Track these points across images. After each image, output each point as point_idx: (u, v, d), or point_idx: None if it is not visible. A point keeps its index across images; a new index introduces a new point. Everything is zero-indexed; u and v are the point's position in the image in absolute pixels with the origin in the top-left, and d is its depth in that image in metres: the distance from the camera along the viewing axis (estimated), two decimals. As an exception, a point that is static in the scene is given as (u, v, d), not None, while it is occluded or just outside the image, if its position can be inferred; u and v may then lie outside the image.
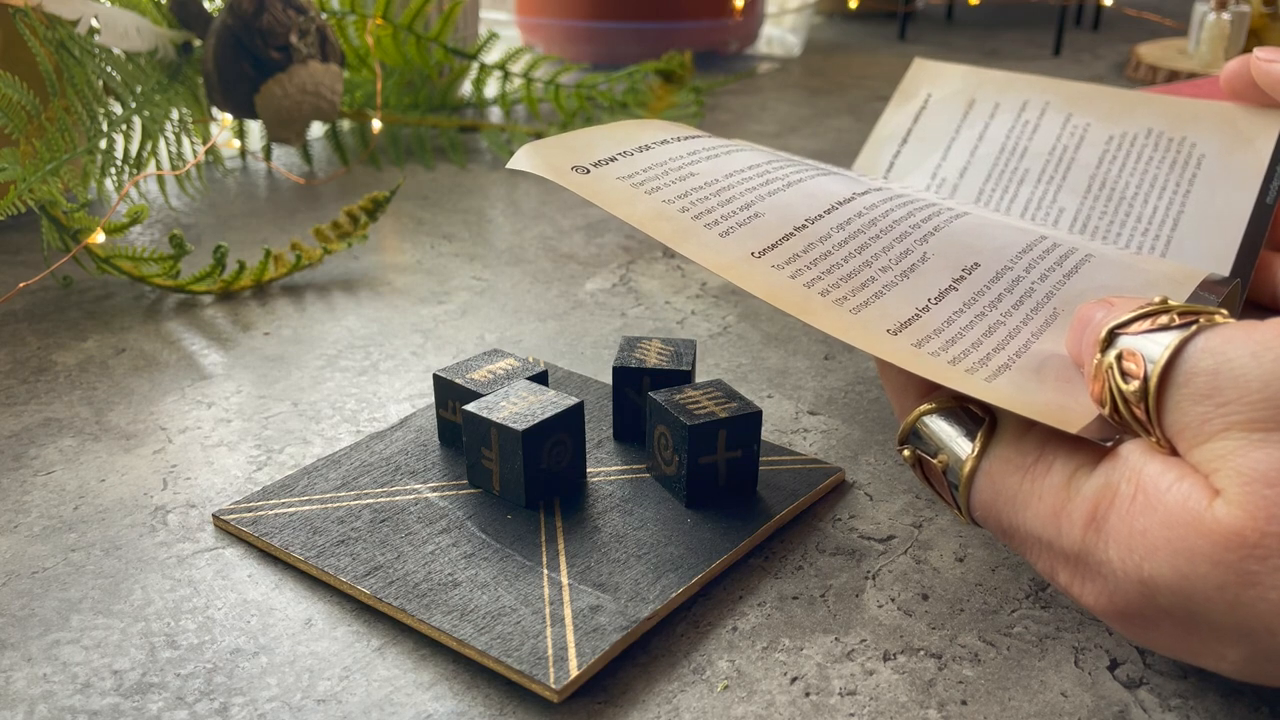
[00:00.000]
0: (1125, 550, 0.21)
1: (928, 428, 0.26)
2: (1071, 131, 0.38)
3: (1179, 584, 0.21)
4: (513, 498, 0.31)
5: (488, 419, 0.31)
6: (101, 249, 0.47)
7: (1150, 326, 0.22)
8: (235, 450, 0.36)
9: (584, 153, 0.30)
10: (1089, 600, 0.23)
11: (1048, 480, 0.23)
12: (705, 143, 0.32)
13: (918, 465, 0.26)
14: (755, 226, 0.28)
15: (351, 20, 0.72)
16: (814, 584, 0.30)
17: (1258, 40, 0.96)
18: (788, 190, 0.30)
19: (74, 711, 0.25)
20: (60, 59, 0.50)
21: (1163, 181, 0.36)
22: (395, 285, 0.50)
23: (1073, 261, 0.29)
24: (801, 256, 0.27)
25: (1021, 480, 0.24)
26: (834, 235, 0.28)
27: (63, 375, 0.41)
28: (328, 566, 0.29)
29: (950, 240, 0.29)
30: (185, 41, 0.63)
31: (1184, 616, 0.21)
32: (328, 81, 0.62)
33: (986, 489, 0.25)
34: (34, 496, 0.33)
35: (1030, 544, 0.24)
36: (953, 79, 0.41)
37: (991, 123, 0.39)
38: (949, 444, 0.25)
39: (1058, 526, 0.23)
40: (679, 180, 0.29)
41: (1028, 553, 0.24)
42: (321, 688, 0.26)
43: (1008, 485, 0.24)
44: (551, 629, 0.26)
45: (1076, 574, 0.23)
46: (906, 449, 0.26)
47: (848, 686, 0.26)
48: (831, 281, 0.27)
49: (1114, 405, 0.23)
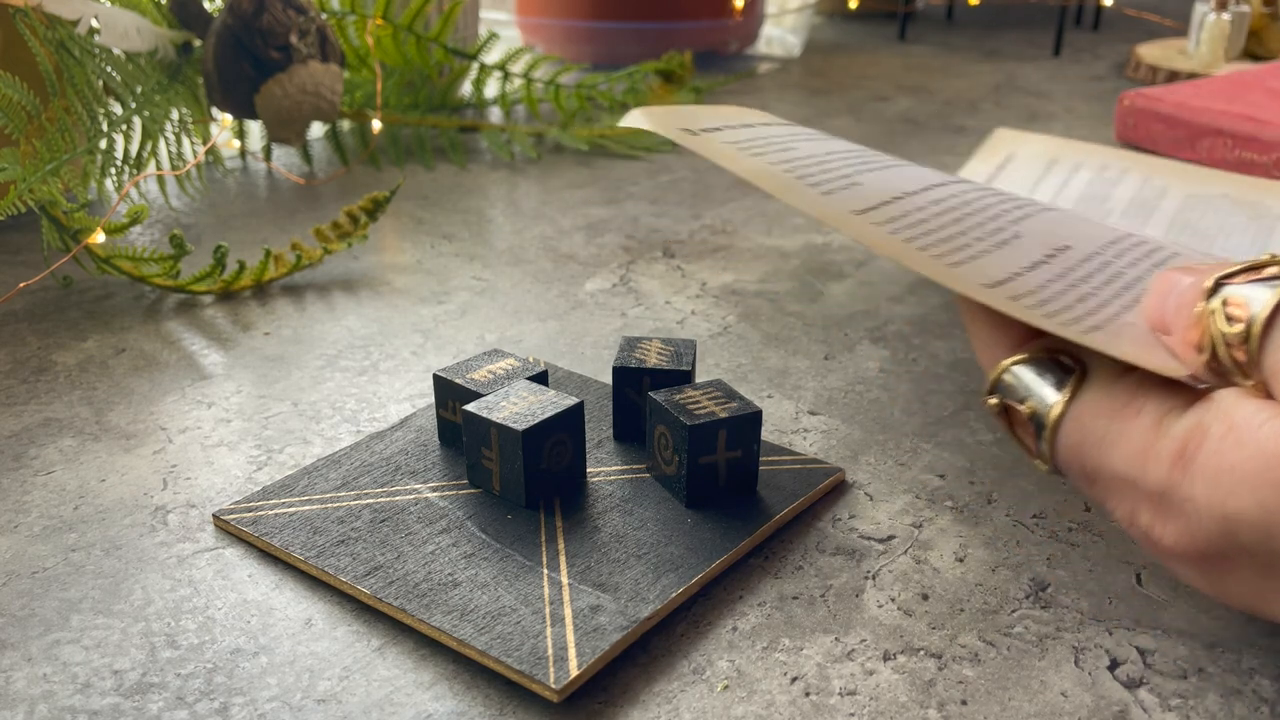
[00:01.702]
0: (1211, 486, 0.22)
1: (1016, 377, 0.26)
2: (1152, 188, 0.39)
3: (1263, 519, 0.21)
4: (513, 498, 0.31)
5: (488, 419, 0.31)
6: (101, 249, 0.47)
7: (1256, 277, 0.23)
8: (235, 450, 0.36)
9: (691, 120, 0.31)
10: (1169, 541, 0.23)
11: (1137, 421, 0.23)
12: (805, 129, 0.33)
13: (1003, 414, 0.27)
14: (854, 192, 0.28)
15: (351, 20, 0.72)
16: (814, 584, 0.30)
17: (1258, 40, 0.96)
18: (885, 171, 0.31)
19: (74, 711, 0.25)
20: (60, 59, 0.50)
21: (1242, 226, 0.36)
22: (395, 285, 0.50)
23: (1161, 256, 0.30)
24: (899, 219, 0.28)
25: (1110, 422, 0.24)
26: (930, 208, 0.29)
27: (63, 375, 0.41)
28: (328, 566, 0.29)
29: (1041, 226, 0.30)
30: (185, 41, 0.63)
31: (1264, 555, 0.21)
32: (328, 81, 0.62)
33: (1074, 432, 0.25)
34: (34, 496, 0.33)
35: (1114, 486, 0.24)
36: (1035, 143, 0.42)
37: (1073, 177, 0.41)
38: (1037, 391, 0.26)
39: (1144, 465, 0.23)
40: (781, 151, 0.30)
41: (1110, 496, 0.24)
42: (321, 688, 0.26)
43: (1096, 427, 0.24)
44: (551, 629, 0.26)
45: (1159, 514, 0.23)
46: (993, 398, 0.27)
47: (848, 686, 0.26)
48: (928, 242, 0.27)
49: (1213, 352, 0.23)
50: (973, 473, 0.35)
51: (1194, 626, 0.28)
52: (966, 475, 0.35)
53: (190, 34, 0.63)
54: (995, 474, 0.35)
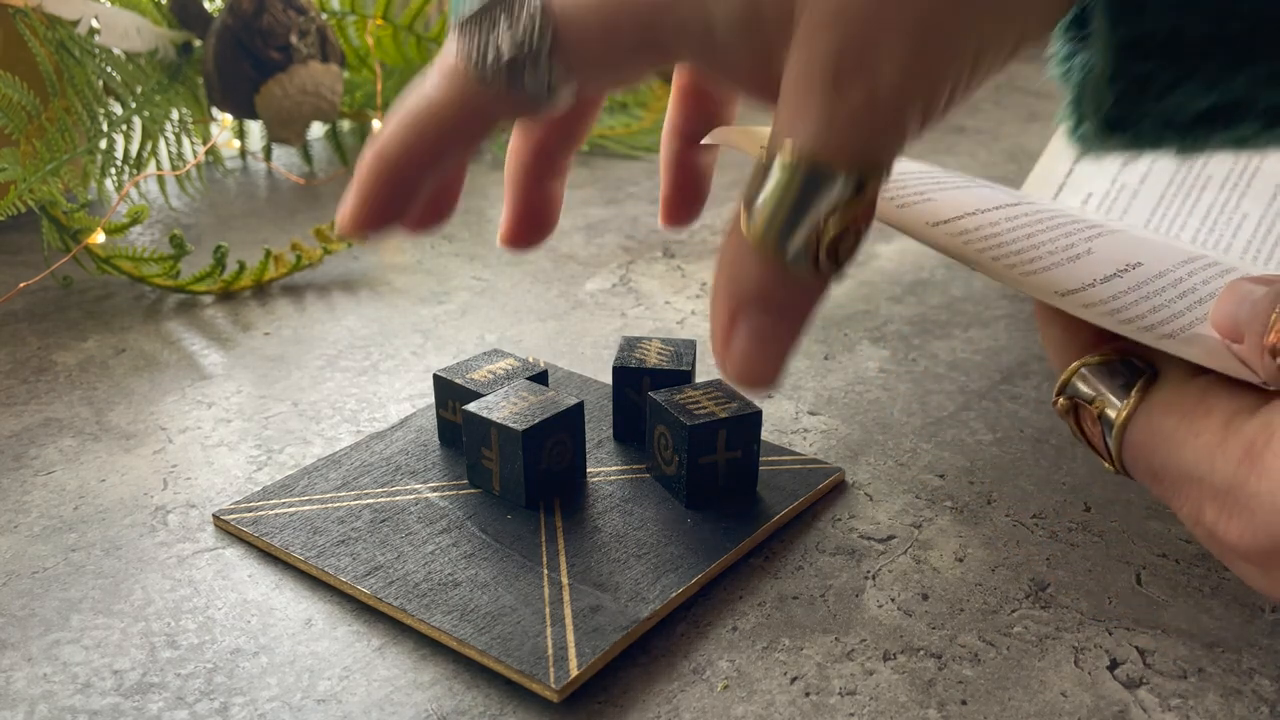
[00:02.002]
0: (1277, 484, 0.22)
1: (1087, 379, 0.27)
2: (1241, 165, 0.39)
3: None
4: (513, 498, 0.31)
5: (488, 419, 0.31)
6: (101, 249, 0.47)
7: None
8: (235, 450, 0.36)
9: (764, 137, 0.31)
10: (1233, 538, 0.23)
11: (1206, 421, 0.24)
12: None
13: (1071, 413, 0.27)
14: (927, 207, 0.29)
15: (351, 20, 0.72)
16: (814, 584, 0.30)
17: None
18: (957, 190, 0.31)
19: (74, 711, 0.25)
20: (60, 59, 0.50)
21: None
22: (395, 285, 0.50)
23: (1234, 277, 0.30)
24: (971, 233, 0.28)
25: (1180, 420, 0.24)
26: (1002, 224, 0.29)
27: (63, 375, 0.41)
28: (328, 566, 0.29)
29: (1113, 244, 0.30)
30: (185, 41, 0.63)
31: None
32: (328, 81, 0.62)
33: (1143, 429, 0.25)
34: (34, 496, 0.33)
35: (1180, 483, 0.24)
36: None
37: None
38: (1107, 392, 0.26)
39: (1211, 462, 0.23)
40: None
41: (1176, 495, 0.25)
42: (321, 687, 0.26)
43: (1165, 425, 0.24)
44: (551, 629, 0.26)
45: (1224, 510, 0.23)
46: (1062, 399, 0.27)
47: (848, 686, 0.26)
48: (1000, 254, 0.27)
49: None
50: (973, 473, 0.35)
51: (1194, 626, 0.28)
52: (966, 475, 0.35)
53: (190, 34, 0.63)
54: (995, 474, 0.35)
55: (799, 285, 0.25)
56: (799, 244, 0.24)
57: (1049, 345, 0.28)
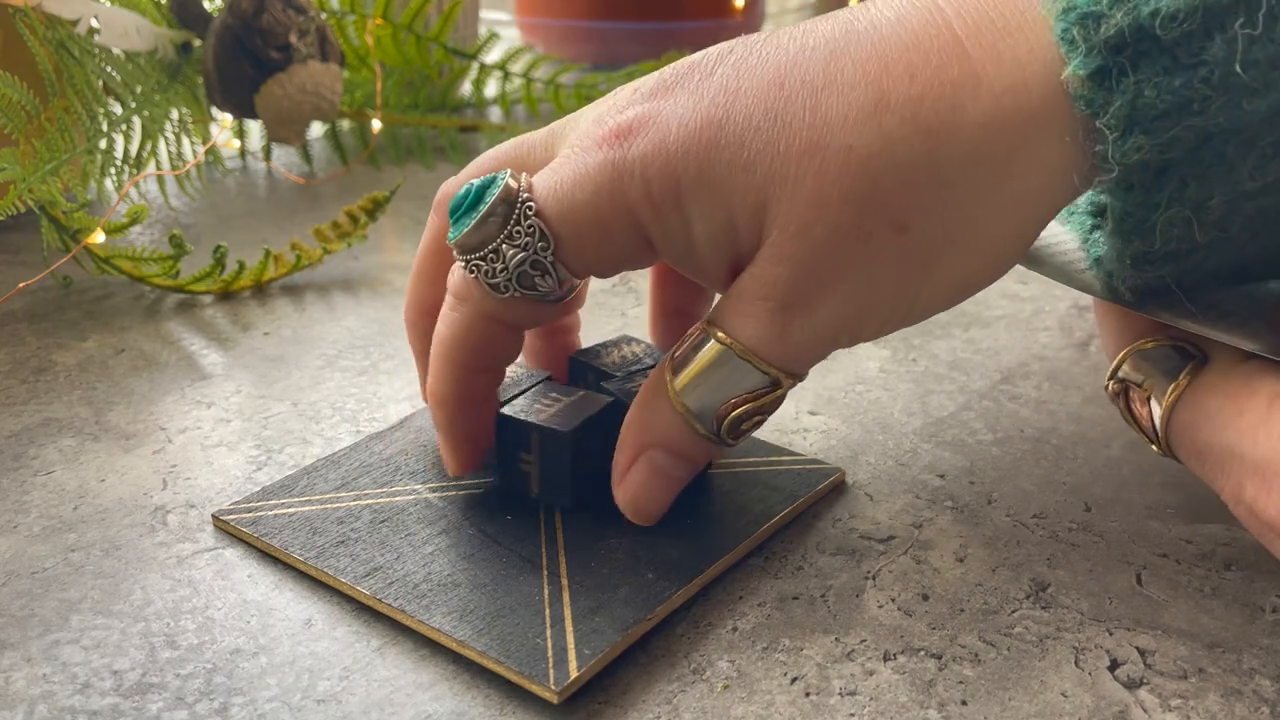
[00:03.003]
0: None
1: (1138, 364, 0.27)
2: None
3: None
4: (556, 499, 0.31)
5: (530, 422, 0.30)
6: (101, 249, 0.47)
7: None
8: (235, 450, 0.36)
9: None
10: (1271, 513, 0.24)
11: (1251, 400, 0.24)
12: None
13: (1122, 396, 0.28)
14: None
15: (351, 20, 0.72)
16: (814, 584, 0.30)
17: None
18: None
19: (74, 712, 0.25)
20: (60, 59, 0.50)
21: None
22: (395, 285, 0.50)
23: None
24: None
25: (1225, 400, 0.25)
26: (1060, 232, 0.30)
27: (63, 375, 0.41)
28: (327, 567, 0.29)
29: None
30: (185, 41, 0.63)
31: None
32: (328, 81, 0.62)
33: (1190, 408, 0.26)
34: (34, 496, 0.33)
35: (1222, 461, 0.25)
36: None
37: None
38: (1158, 374, 0.27)
39: (1255, 437, 0.24)
40: None
41: (1218, 473, 0.25)
42: (321, 688, 0.26)
43: (1210, 405, 0.25)
44: (551, 630, 0.26)
45: (1264, 485, 0.24)
46: (1113, 382, 0.28)
47: (848, 687, 0.26)
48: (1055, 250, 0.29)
49: None
50: (973, 473, 0.35)
51: (1194, 626, 0.28)
52: (966, 475, 0.35)
53: (190, 34, 0.63)
54: (995, 474, 0.35)
55: (699, 444, 0.28)
56: (709, 413, 0.28)
57: (1105, 333, 0.29)
